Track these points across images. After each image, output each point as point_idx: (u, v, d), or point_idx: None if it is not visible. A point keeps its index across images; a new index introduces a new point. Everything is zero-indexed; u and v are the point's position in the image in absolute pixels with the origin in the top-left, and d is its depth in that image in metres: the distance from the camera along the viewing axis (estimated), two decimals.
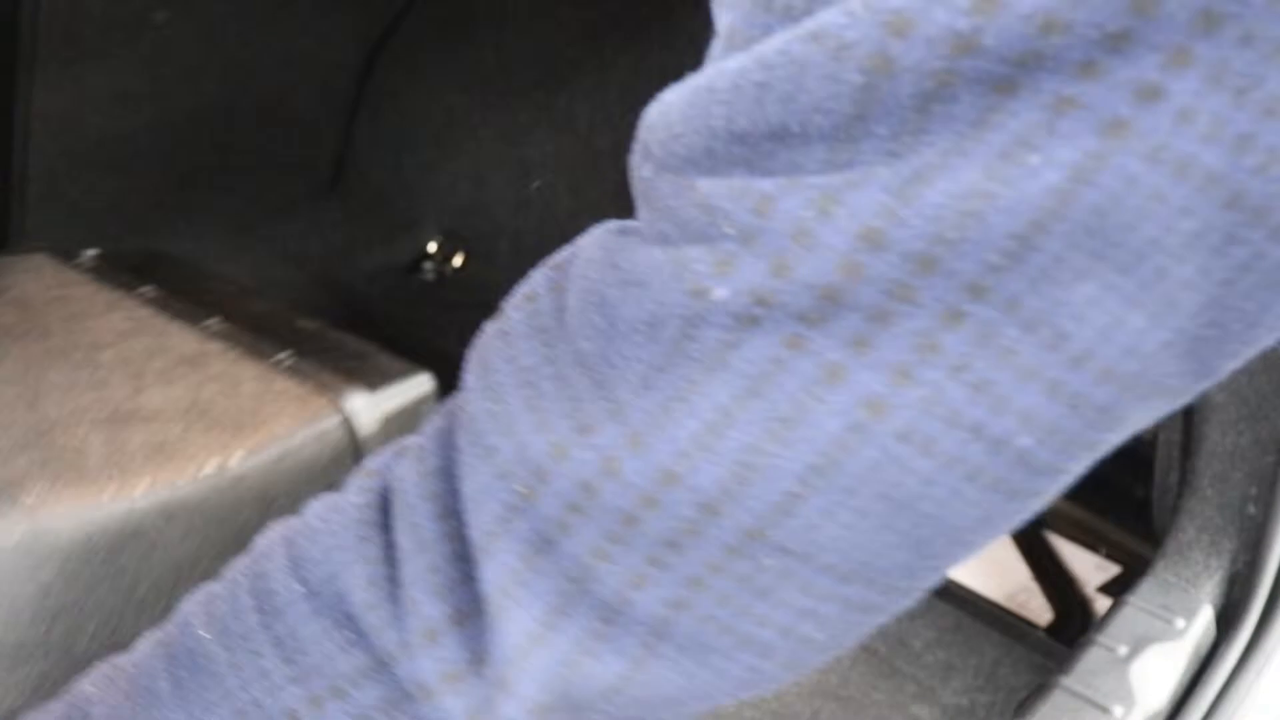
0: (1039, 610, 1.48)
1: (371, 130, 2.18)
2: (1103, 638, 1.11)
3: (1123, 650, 1.09)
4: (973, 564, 0.57)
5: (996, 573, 1.67)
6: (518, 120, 1.92)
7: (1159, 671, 1.08)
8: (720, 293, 0.44)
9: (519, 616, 0.52)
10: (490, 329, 0.60)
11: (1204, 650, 1.13)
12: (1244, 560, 1.17)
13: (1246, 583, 1.15)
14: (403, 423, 1.11)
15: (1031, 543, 1.62)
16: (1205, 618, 1.15)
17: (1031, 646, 1.35)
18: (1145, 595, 1.16)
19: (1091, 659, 1.09)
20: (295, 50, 1.92)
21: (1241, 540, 1.17)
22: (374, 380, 1.13)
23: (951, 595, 1.42)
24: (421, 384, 1.08)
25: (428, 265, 2.05)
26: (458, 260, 2.06)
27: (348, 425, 1.08)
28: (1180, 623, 1.13)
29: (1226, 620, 1.15)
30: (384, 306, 1.97)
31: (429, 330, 1.90)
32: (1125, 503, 1.41)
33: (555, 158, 1.84)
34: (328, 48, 1.99)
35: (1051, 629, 1.43)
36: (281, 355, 1.13)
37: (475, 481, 0.53)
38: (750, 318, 0.44)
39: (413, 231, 2.12)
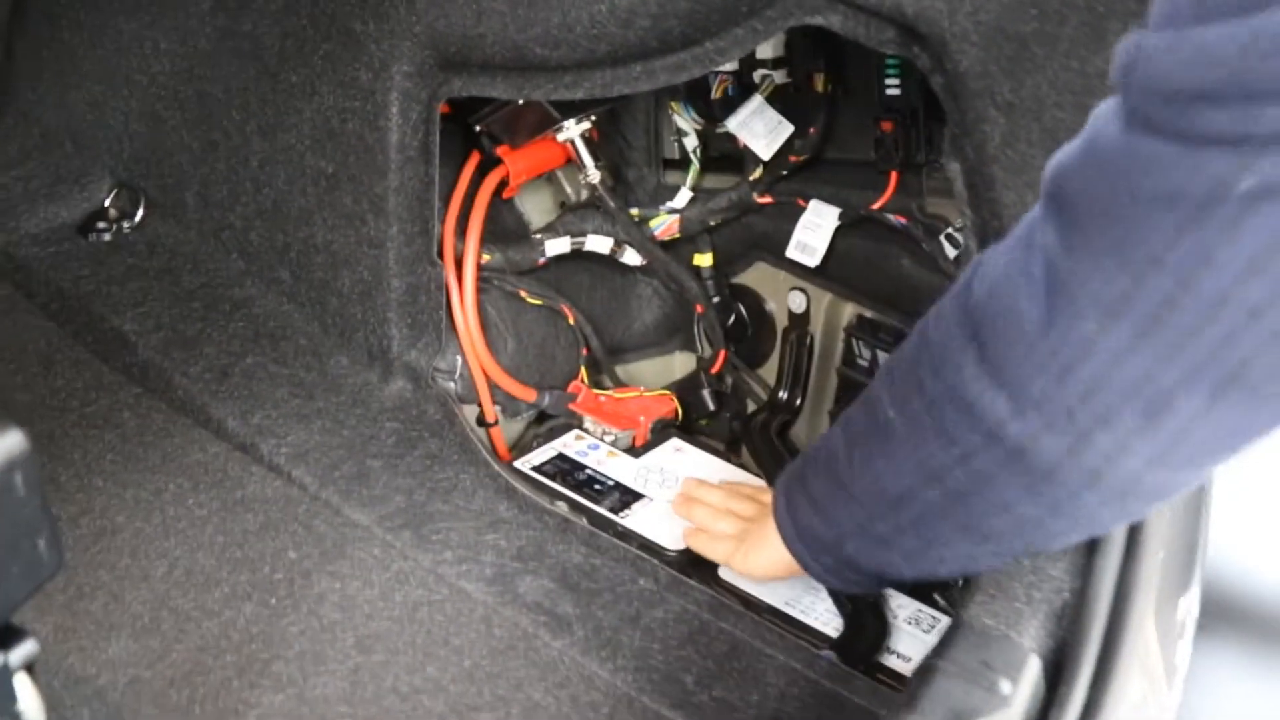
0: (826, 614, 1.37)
1: (31, 59, 1.89)
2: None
3: None
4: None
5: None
6: (196, 47, 1.67)
7: None
8: (1242, 185, 0.72)
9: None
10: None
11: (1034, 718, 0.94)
12: (1071, 587, 1.02)
13: (1077, 618, 0.98)
14: None
15: None
16: (1033, 673, 0.96)
17: (821, 673, 1.22)
18: (961, 651, 0.97)
19: None
20: None
21: (1069, 562, 1.01)
22: None
23: (729, 612, 1.29)
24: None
25: (102, 224, 1.78)
26: (138, 215, 1.80)
27: None
28: (1005, 686, 0.94)
29: (1057, 672, 0.97)
30: (50, 277, 1.70)
31: (104, 304, 1.65)
32: None
33: (242, 94, 1.60)
34: None
35: (842, 642, 1.31)
36: None
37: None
38: (1258, 197, 0.73)
39: (83, 182, 1.84)
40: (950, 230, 1.51)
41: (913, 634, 1.32)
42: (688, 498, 1.46)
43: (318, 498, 1.42)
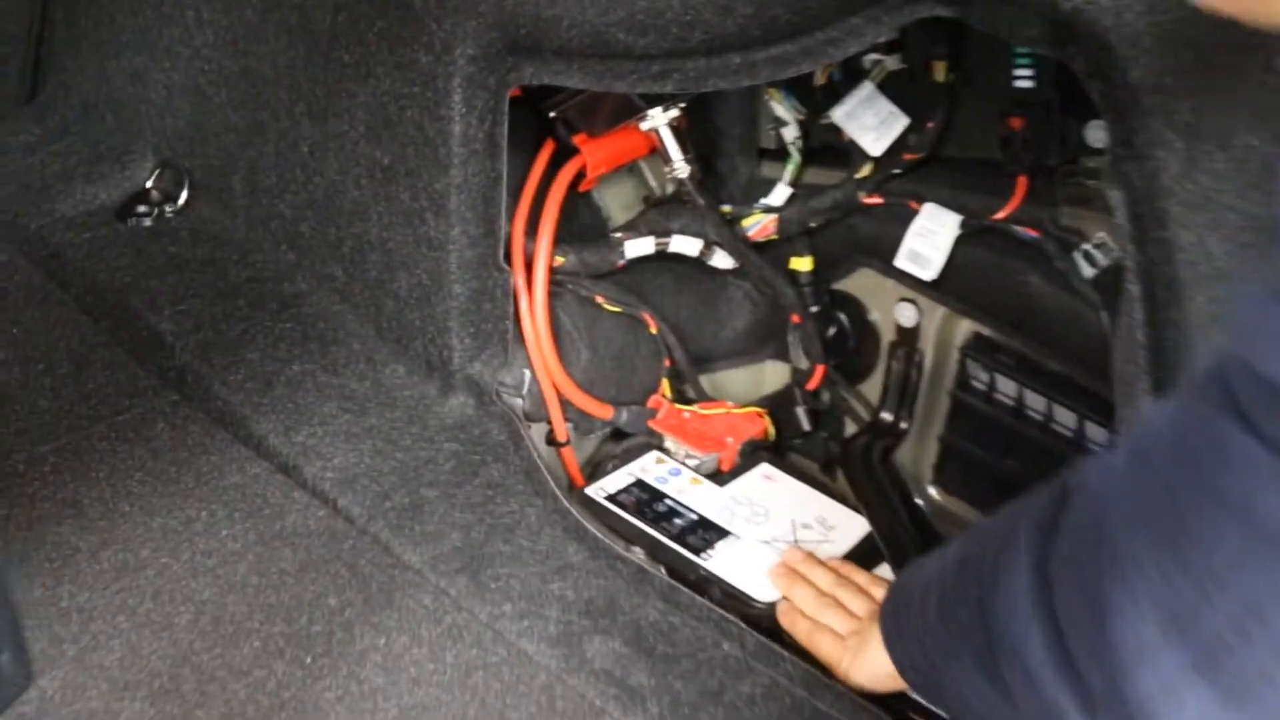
0: None
1: (69, 25, 1.74)
2: None
3: None
4: None
5: None
6: (241, 18, 1.51)
7: None
8: None
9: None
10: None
11: None
12: None
13: None
14: None
15: None
16: None
17: None
18: None
19: None
20: None
21: None
22: None
23: (826, 690, 1.12)
24: None
25: (143, 207, 1.64)
26: (182, 198, 1.65)
27: None
28: None
29: None
30: (85, 266, 1.56)
31: (141, 300, 1.51)
32: None
33: (290, 72, 1.44)
34: None
35: None
36: None
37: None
38: None
39: (125, 160, 1.70)
40: (1088, 247, 1.31)
41: None
42: (792, 572, 1.28)
43: (365, 532, 1.27)
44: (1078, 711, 0.73)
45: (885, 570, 1.33)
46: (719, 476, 1.46)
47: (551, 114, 1.42)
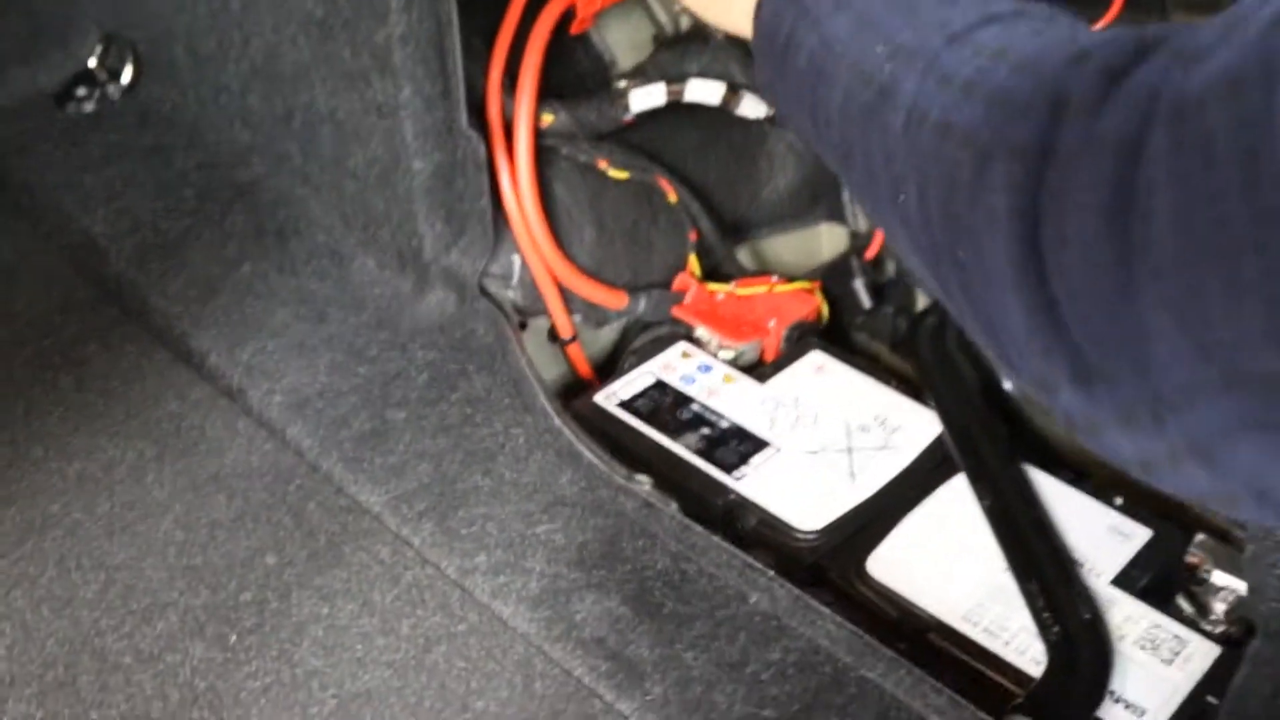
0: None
1: None
2: None
3: None
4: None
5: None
6: None
7: None
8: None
9: None
10: None
11: None
12: None
13: None
14: None
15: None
16: None
17: None
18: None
19: None
20: None
21: None
22: None
23: (876, 658, 0.87)
24: None
25: (83, 89, 1.41)
26: (126, 75, 1.41)
27: None
28: None
29: None
30: (16, 164, 1.33)
31: (75, 199, 1.28)
32: None
33: None
34: None
35: (1042, 692, 0.88)
36: None
37: None
38: None
39: (66, 37, 1.46)
40: None
41: (1147, 666, 0.90)
42: None
43: (316, 468, 1.05)
44: (1069, 383, 0.52)
45: (960, 482, 1.07)
46: (760, 370, 1.20)
47: None
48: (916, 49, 0.61)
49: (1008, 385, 1.22)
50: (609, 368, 1.25)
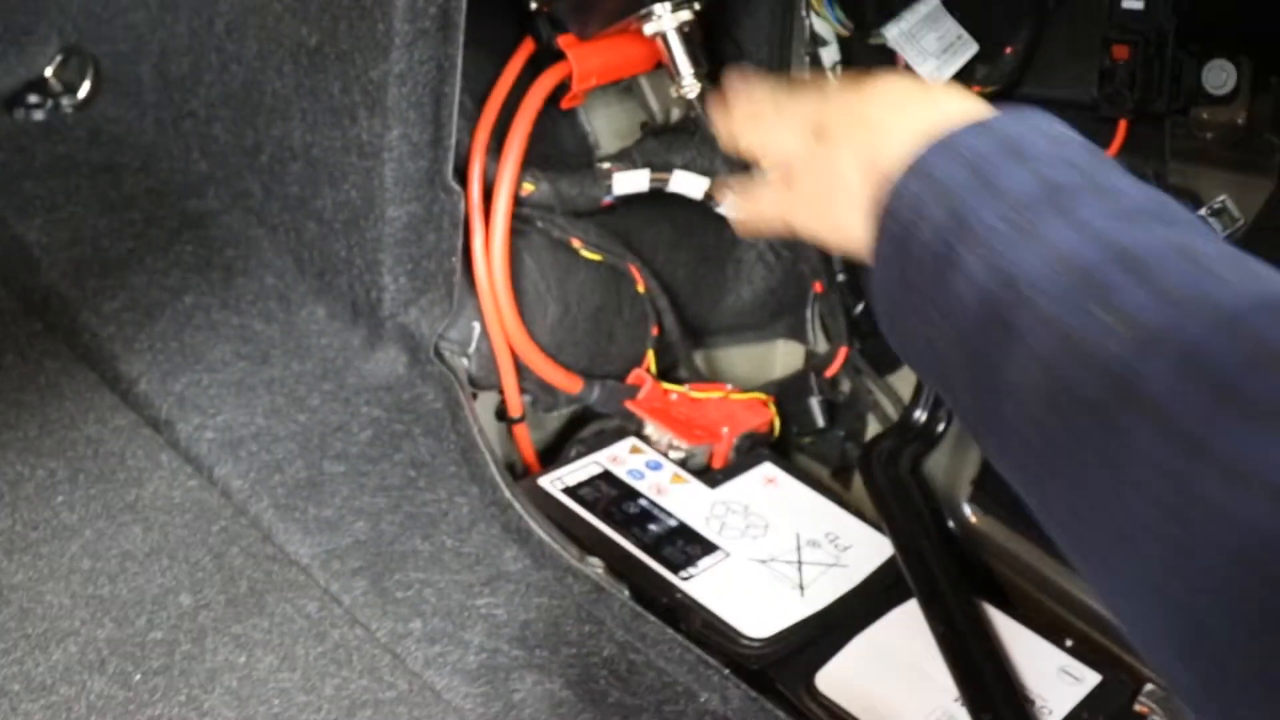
0: None
1: None
2: None
3: None
4: None
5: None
6: None
7: None
8: None
9: None
10: None
11: None
12: None
13: None
14: None
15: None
16: None
17: None
18: None
19: None
20: None
21: None
22: None
23: None
24: None
25: (35, 97, 1.34)
26: (83, 90, 1.35)
27: None
28: None
29: None
30: None
31: (10, 204, 1.21)
32: None
33: None
34: None
35: None
36: None
37: None
38: None
39: (23, 43, 1.40)
40: (1203, 212, 1.03)
41: None
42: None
43: (244, 512, 0.98)
44: None
45: (912, 607, 1.03)
46: (709, 475, 1.16)
47: (533, 4, 1.12)
48: (1167, 332, 0.46)
49: (950, 521, 1.21)
50: (549, 456, 1.21)
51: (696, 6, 1.14)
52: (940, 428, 1.23)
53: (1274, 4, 0.96)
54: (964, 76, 1.15)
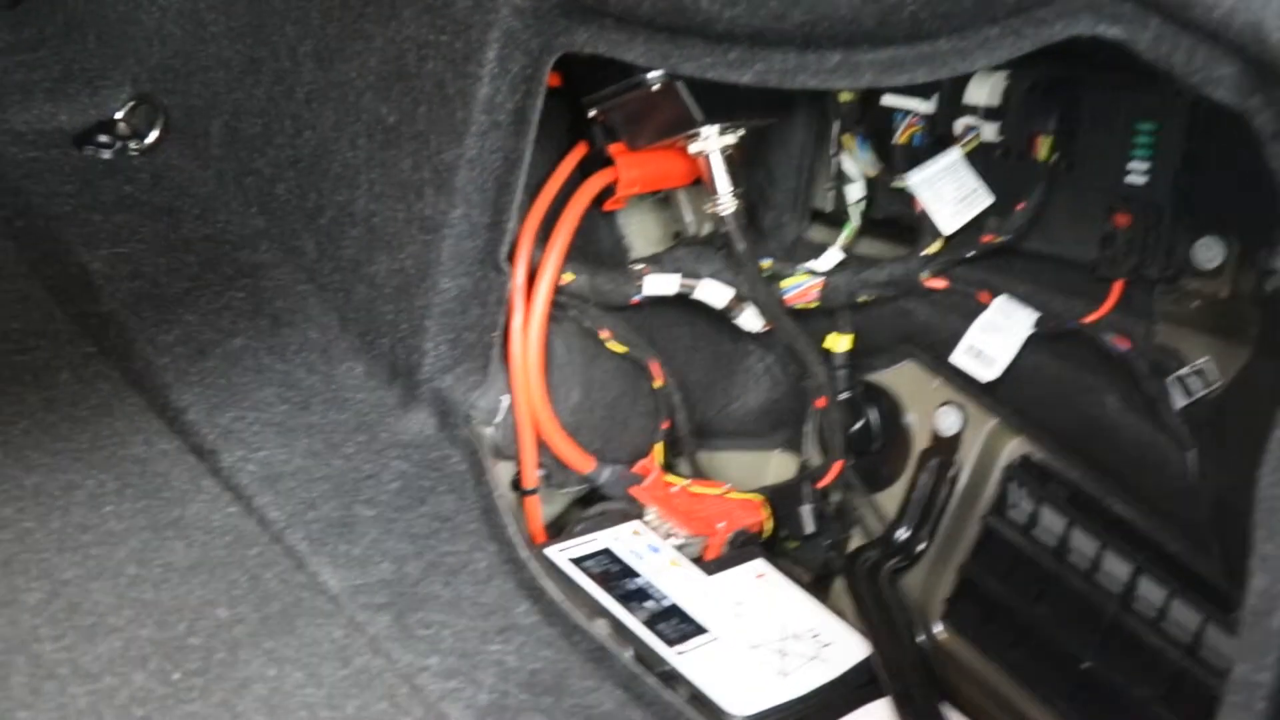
0: None
1: None
2: None
3: None
4: None
5: None
6: None
7: None
8: None
9: None
10: None
11: None
12: None
13: None
14: None
15: None
16: None
17: None
18: None
19: None
20: None
21: None
22: None
23: None
24: None
25: (105, 137, 1.43)
26: (151, 136, 1.44)
27: None
28: None
29: None
30: (22, 185, 1.34)
31: (76, 232, 1.29)
32: None
33: (304, 4, 1.24)
34: None
35: None
36: None
37: None
38: None
39: (96, 85, 1.49)
40: (1185, 372, 1.12)
41: None
42: None
43: (279, 541, 1.05)
44: None
45: (884, 707, 1.11)
46: (703, 564, 1.24)
47: (591, 113, 1.22)
48: None
49: (920, 636, 1.29)
50: (554, 531, 1.28)
51: (743, 131, 1.24)
52: (920, 547, 1.31)
53: (1265, 189, 1.07)
54: (976, 224, 1.25)
